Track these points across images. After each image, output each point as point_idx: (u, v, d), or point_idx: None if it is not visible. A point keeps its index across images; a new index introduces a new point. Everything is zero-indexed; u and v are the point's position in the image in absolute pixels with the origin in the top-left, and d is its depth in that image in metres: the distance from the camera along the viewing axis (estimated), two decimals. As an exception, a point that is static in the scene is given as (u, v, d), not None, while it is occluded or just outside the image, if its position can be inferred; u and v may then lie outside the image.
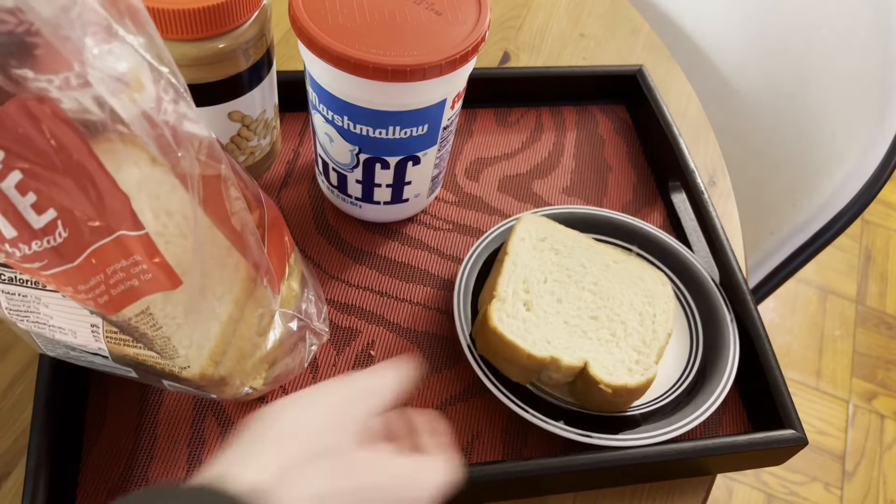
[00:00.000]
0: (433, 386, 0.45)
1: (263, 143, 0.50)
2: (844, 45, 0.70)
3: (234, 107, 0.45)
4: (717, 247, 0.51)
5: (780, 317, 1.46)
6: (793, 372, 1.38)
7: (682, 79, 0.69)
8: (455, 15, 0.44)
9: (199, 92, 0.43)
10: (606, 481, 0.43)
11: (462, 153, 0.58)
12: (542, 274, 0.46)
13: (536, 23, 0.72)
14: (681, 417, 0.43)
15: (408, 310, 0.49)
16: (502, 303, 0.43)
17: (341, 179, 0.50)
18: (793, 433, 0.43)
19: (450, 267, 0.51)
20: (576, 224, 0.52)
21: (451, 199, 0.55)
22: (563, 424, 0.41)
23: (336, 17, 0.43)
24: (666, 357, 0.47)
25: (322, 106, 0.46)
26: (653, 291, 0.47)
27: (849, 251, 1.57)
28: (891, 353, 1.42)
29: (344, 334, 0.47)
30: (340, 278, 0.50)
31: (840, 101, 0.71)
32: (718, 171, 0.62)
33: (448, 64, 0.42)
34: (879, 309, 1.48)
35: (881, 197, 1.69)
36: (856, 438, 1.31)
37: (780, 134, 0.77)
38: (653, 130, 0.60)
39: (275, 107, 0.50)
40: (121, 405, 0.43)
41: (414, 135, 0.46)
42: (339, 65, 0.41)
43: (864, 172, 0.67)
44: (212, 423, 0.42)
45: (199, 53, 0.41)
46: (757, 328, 0.47)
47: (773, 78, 0.77)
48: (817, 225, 0.71)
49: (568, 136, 0.61)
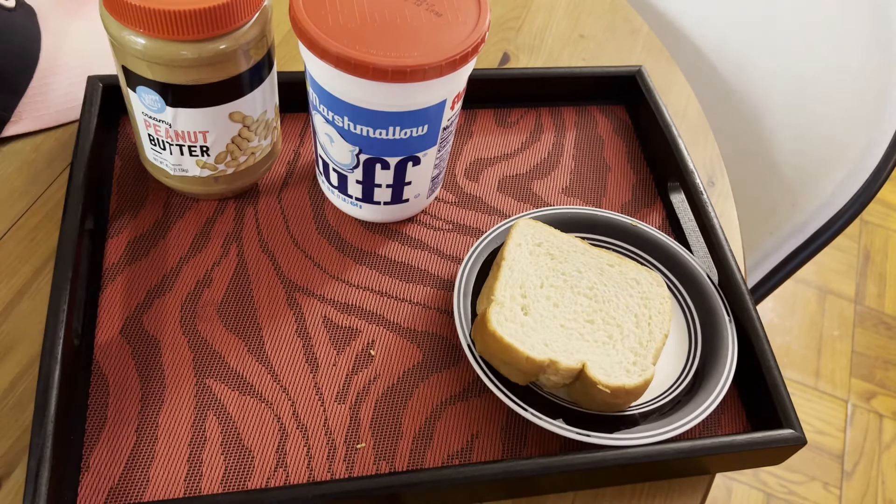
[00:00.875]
0: (433, 386, 0.46)
1: (264, 143, 0.50)
2: (844, 45, 0.70)
3: (234, 107, 0.45)
4: (716, 247, 0.51)
5: (780, 317, 1.46)
6: (792, 372, 1.38)
7: (681, 79, 0.69)
8: (455, 16, 0.44)
9: (200, 92, 0.44)
10: (606, 480, 0.43)
11: (462, 153, 0.59)
12: (538, 279, 0.46)
13: (536, 23, 0.72)
14: (680, 417, 0.43)
15: (408, 310, 0.49)
16: (500, 307, 0.43)
17: (341, 180, 0.50)
18: (792, 433, 0.43)
19: (450, 267, 0.52)
20: (574, 224, 0.52)
21: (451, 200, 0.55)
22: (562, 423, 0.41)
23: (336, 17, 0.43)
24: (665, 357, 0.47)
25: (322, 107, 0.46)
26: (648, 293, 0.47)
27: (848, 251, 1.58)
28: (889, 353, 1.42)
29: (344, 334, 0.47)
30: (340, 278, 0.50)
31: (839, 101, 0.71)
32: (717, 171, 0.62)
33: (448, 65, 0.42)
34: (878, 309, 1.48)
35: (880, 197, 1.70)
36: (854, 438, 1.31)
37: (780, 134, 0.77)
38: (652, 131, 0.60)
39: (275, 107, 0.50)
40: (121, 405, 0.43)
41: (414, 135, 0.46)
42: (340, 66, 0.41)
43: (863, 173, 0.67)
44: (213, 423, 0.43)
45: (200, 54, 0.41)
46: (756, 328, 0.47)
47: (773, 78, 0.77)
48: (816, 225, 0.71)
49: (567, 136, 0.61)
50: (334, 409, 0.44)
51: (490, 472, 0.40)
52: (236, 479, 0.41)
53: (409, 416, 0.44)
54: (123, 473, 0.40)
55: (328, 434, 0.43)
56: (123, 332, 0.46)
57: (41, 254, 0.49)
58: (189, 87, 0.43)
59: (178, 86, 0.43)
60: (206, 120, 0.45)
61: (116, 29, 0.41)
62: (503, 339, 0.41)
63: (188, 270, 0.49)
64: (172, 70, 0.42)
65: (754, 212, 0.76)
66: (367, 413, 0.44)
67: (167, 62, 0.42)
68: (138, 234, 0.50)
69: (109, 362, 0.44)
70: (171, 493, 0.40)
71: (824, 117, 0.72)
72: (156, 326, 0.46)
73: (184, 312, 0.47)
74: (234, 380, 0.44)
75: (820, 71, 0.73)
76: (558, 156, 0.60)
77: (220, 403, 0.43)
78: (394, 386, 0.45)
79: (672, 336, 0.48)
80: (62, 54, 0.58)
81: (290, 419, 0.43)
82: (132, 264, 0.49)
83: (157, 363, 0.44)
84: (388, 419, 0.44)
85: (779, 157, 0.77)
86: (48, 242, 0.50)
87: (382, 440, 0.43)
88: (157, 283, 0.48)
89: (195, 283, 0.48)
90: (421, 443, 0.43)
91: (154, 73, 0.42)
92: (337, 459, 0.42)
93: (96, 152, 0.51)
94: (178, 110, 0.44)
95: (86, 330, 0.45)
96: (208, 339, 0.46)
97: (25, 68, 0.56)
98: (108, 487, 0.40)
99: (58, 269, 0.43)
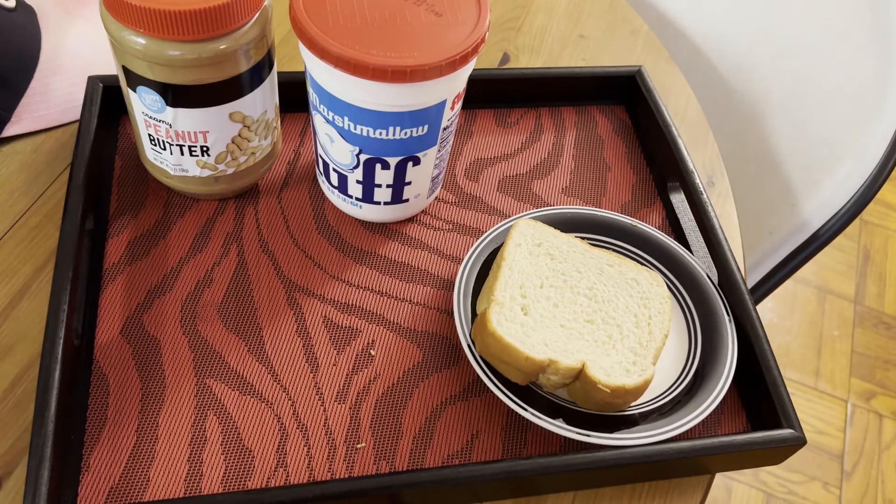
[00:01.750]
0: (433, 386, 0.46)
1: (264, 143, 0.50)
2: (844, 45, 0.70)
3: (235, 108, 0.45)
4: (716, 247, 0.51)
5: (779, 317, 1.46)
6: (791, 372, 1.38)
7: (681, 79, 0.69)
8: (455, 16, 0.44)
9: (200, 92, 0.44)
10: (605, 480, 0.43)
11: (462, 153, 0.59)
12: (538, 279, 0.46)
13: (536, 24, 0.72)
14: (680, 417, 0.43)
15: (408, 310, 0.49)
16: (500, 307, 0.44)
17: (342, 180, 0.50)
18: (791, 433, 0.43)
19: (450, 267, 0.52)
20: (574, 224, 0.52)
21: (451, 200, 0.56)
22: (562, 423, 0.41)
23: (336, 17, 0.43)
24: (664, 357, 0.47)
25: (322, 107, 0.46)
26: (648, 293, 0.47)
27: (847, 251, 1.58)
28: (889, 353, 1.42)
29: (344, 334, 0.47)
30: (340, 278, 0.50)
31: (839, 101, 0.71)
32: (717, 171, 0.62)
33: (448, 65, 0.42)
34: (878, 309, 1.49)
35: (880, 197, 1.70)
36: (854, 438, 1.31)
37: (779, 134, 0.77)
38: (652, 131, 0.60)
39: (275, 107, 0.50)
40: (121, 405, 0.43)
41: (414, 135, 0.46)
42: (340, 65, 0.41)
43: (863, 172, 0.67)
44: (213, 423, 0.43)
45: (200, 54, 0.41)
46: (755, 328, 0.47)
47: (772, 78, 0.77)
48: (816, 225, 0.71)
49: (567, 136, 0.61)
50: (334, 409, 0.44)
51: (490, 472, 0.40)
52: (236, 478, 0.41)
53: (409, 415, 0.44)
54: (123, 473, 0.40)
55: (328, 434, 0.43)
56: (124, 332, 0.46)
57: (41, 254, 0.49)
58: (189, 87, 0.43)
59: (178, 86, 0.43)
60: (207, 120, 0.45)
61: (116, 29, 0.41)
62: (503, 339, 0.41)
63: (188, 270, 0.49)
64: (172, 70, 0.42)
65: (754, 212, 0.76)
66: (367, 413, 0.44)
67: (167, 62, 0.42)
68: (138, 234, 0.50)
69: (109, 362, 0.44)
70: (172, 492, 0.40)
71: (824, 117, 0.72)
72: (156, 326, 0.46)
73: (184, 312, 0.47)
74: (234, 380, 0.44)
75: (820, 71, 0.73)
76: (558, 156, 0.60)
77: (221, 403, 0.43)
78: (394, 386, 0.45)
79: (672, 336, 0.48)
80: (62, 54, 0.58)
81: (290, 419, 0.43)
82: (132, 264, 0.49)
83: (157, 363, 0.45)
84: (388, 419, 0.44)
85: (779, 157, 0.77)
86: (48, 242, 0.50)
87: (382, 440, 0.43)
88: (158, 282, 0.48)
89: (195, 283, 0.48)
90: (421, 443, 0.43)
91: (154, 73, 0.42)
92: (337, 459, 0.42)
93: (96, 152, 0.51)
94: (178, 110, 0.44)
95: (86, 330, 0.45)
96: (208, 339, 0.46)
97: (25, 68, 0.56)
98: (109, 487, 0.40)
99: (58, 269, 0.43)
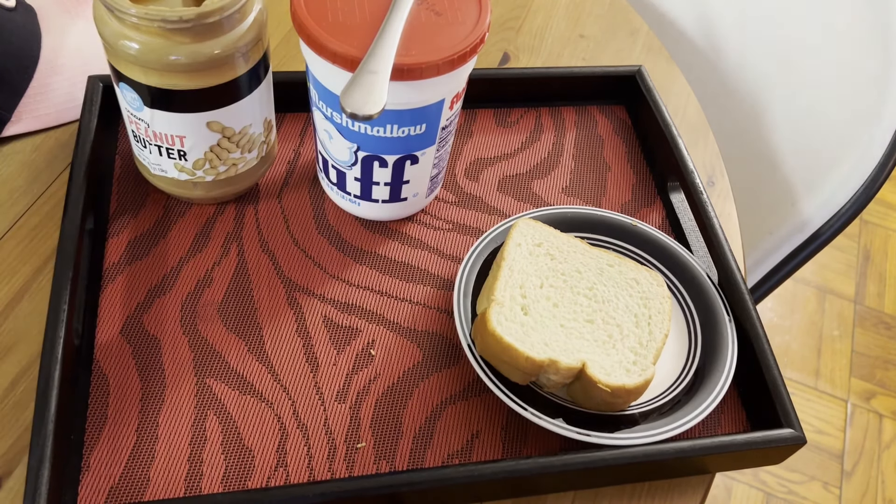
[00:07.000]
0: (433, 385, 0.46)
1: (248, 156, 0.49)
2: (844, 45, 0.70)
3: (212, 117, 0.45)
4: (716, 247, 0.51)
5: (779, 316, 1.46)
6: (791, 371, 1.38)
7: (681, 79, 0.69)
8: (455, 15, 0.44)
9: (176, 97, 0.43)
10: (605, 480, 0.43)
11: (462, 153, 0.59)
12: (538, 279, 0.46)
13: (536, 23, 0.72)
14: (680, 416, 0.43)
15: (408, 309, 0.49)
16: (500, 307, 0.43)
17: (340, 177, 0.50)
18: (791, 432, 0.43)
19: (450, 267, 0.52)
20: (574, 224, 0.52)
21: (451, 199, 0.55)
22: (562, 423, 0.41)
23: (336, 14, 0.43)
24: (664, 356, 0.47)
25: (321, 103, 0.46)
26: (648, 293, 0.47)
27: (847, 251, 1.58)
28: (889, 353, 1.42)
29: (344, 334, 0.47)
30: (340, 278, 0.50)
31: (839, 101, 0.71)
32: (717, 171, 0.62)
33: (446, 64, 0.42)
34: (878, 309, 1.49)
35: (880, 197, 1.70)
36: (854, 438, 1.31)
37: (779, 134, 0.77)
38: (652, 131, 0.60)
39: (266, 122, 0.49)
40: (121, 405, 0.43)
41: (412, 134, 0.46)
42: (338, 62, 0.41)
43: (863, 172, 0.67)
44: (213, 423, 0.43)
45: (174, 59, 0.41)
46: (755, 328, 0.47)
47: (772, 78, 0.77)
48: (816, 225, 0.71)
49: (567, 136, 0.61)
50: (334, 409, 0.44)
51: (490, 471, 0.40)
52: (236, 478, 0.41)
53: (409, 415, 0.44)
54: (124, 473, 0.40)
55: (328, 433, 0.43)
56: (124, 331, 0.46)
57: (41, 254, 0.49)
58: (165, 90, 0.43)
59: (154, 88, 0.43)
60: (183, 125, 0.45)
61: (103, 24, 0.41)
62: (503, 339, 0.41)
63: (188, 270, 0.49)
64: (146, 72, 0.42)
65: (754, 212, 0.76)
66: (367, 413, 0.44)
67: (144, 63, 0.41)
68: (138, 234, 0.50)
69: (109, 362, 0.44)
70: (172, 492, 0.40)
71: (824, 117, 0.72)
72: (156, 326, 0.46)
73: (184, 312, 0.47)
74: (234, 379, 0.44)
75: (820, 71, 0.73)
76: (558, 156, 0.60)
77: (221, 403, 0.43)
78: (394, 385, 0.45)
79: (672, 336, 0.48)
80: (62, 54, 0.58)
81: (290, 419, 0.43)
82: (132, 264, 0.49)
83: (157, 363, 0.44)
84: (388, 419, 0.44)
85: (779, 157, 0.77)
86: (48, 242, 0.50)
87: (382, 440, 0.43)
88: (158, 282, 0.48)
89: (195, 283, 0.48)
90: (421, 442, 0.43)
91: (131, 72, 0.42)
92: (337, 459, 0.42)
93: (96, 152, 0.51)
94: (154, 111, 0.44)
95: (86, 330, 0.45)
96: (209, 339, 0.46)
97: (25, 68, 0.56)
98: (109, 487, 0.40)
99: (58, 269, 0.43)
